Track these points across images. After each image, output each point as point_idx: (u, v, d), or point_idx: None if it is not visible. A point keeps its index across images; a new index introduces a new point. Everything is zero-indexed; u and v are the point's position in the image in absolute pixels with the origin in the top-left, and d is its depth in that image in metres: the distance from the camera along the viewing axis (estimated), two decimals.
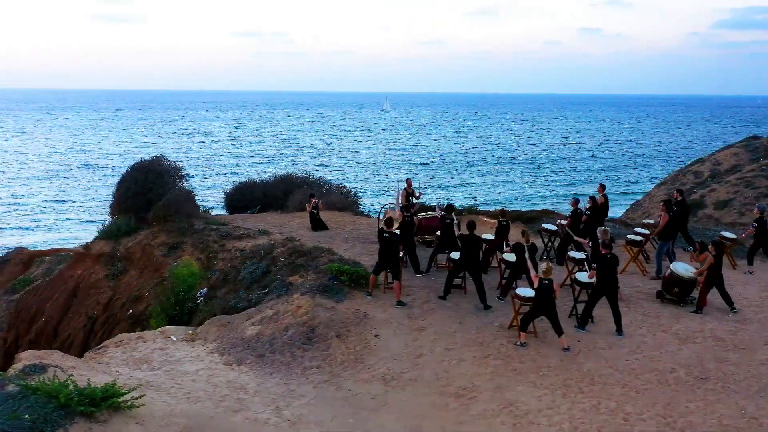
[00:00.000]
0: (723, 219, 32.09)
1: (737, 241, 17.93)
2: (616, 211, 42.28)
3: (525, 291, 12.86)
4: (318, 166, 76.68)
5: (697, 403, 10.11)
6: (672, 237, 16.86)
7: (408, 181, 20.23)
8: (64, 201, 59.98)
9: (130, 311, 18.63)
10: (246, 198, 27.40)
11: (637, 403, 10.06)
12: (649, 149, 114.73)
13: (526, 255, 13.56)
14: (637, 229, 18.50)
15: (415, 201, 19.89)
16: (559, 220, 18.98)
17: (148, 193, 21.40)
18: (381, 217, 20.49)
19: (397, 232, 14.65)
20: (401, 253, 14.90)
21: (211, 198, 42.16)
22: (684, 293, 14.49)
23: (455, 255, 14.76)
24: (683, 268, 14.67)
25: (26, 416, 7.79)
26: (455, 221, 15.93)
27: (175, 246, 19.38)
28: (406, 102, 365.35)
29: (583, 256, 15.28)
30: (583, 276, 13.65)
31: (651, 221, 19.39)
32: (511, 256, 14.60)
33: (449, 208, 16.11)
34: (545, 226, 18.74)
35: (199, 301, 15.88)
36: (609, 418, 9.60)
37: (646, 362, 11.51)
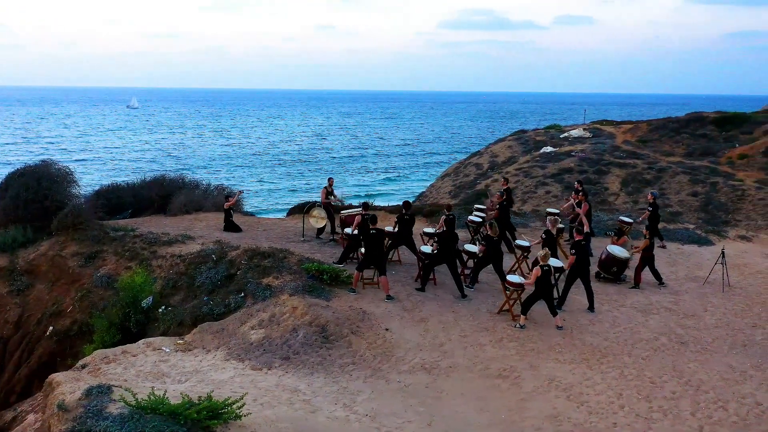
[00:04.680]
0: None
1: (633, 224, 20.38)
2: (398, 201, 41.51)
3: (515, 278, 13.94)
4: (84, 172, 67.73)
5: (694, 364, 11.76)
6: (589, 223, 18.86)
7: (330, 180, 20.56)
8: None
9: (51, 327, 17.23)
10: (113, 202, 25.91)
11: (651, 368, 11.49)
12: (393, 143, 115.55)
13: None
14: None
15: (334, 201, 20.29)
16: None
17: (44, 201, 19.74)
18: (305, 216, 20.54)
19: (389, 228, 15.02)
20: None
21: None
22: (620, 272, 16.43)
23: (426, 249, 15.47)
24: (618, 250, 16.57)
25: None
26: (406, 217, 16.53)
27: (92, 255, 18.15)
28: (156, 98, 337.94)
29: (528, 244, 16.75)
30: (553, 261, 14.97)
31: (555, 210, 21.35)
32: (474, 247, 15.62)
33: (406, 204, 16.66)
34: (471, 218, 19.92)
35: (159, 310, 15.14)
36: (640, 383, 10.90)
37: (630, 334, 13.06)
